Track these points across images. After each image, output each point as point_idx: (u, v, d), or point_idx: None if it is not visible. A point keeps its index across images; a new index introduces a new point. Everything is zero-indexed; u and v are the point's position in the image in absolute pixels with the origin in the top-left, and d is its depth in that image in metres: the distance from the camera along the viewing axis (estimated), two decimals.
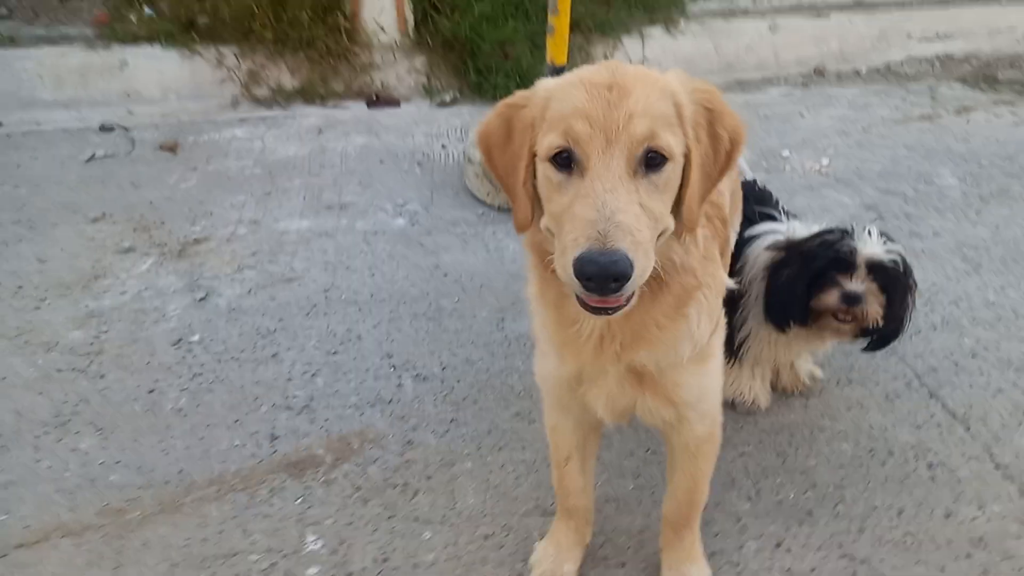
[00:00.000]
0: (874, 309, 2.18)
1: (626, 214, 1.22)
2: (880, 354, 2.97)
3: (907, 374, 2.88)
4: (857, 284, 2.18)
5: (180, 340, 2.99)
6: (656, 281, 1.43)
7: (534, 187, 1.42)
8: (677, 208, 1.41)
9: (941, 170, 4.44)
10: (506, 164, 1.44)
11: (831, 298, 2.21)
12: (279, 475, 2.42)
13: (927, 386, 2.82)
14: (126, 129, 4.70)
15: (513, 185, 1.43)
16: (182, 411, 2.66)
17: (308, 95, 5.20)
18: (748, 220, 2.56)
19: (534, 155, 1.38)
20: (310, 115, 5.00)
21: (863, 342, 2.38)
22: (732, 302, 2.55)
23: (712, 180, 1.43)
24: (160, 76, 5.16)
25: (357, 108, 5.16)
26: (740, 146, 1.43)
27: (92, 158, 4.35)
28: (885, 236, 2.25)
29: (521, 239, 1.60)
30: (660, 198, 1.32)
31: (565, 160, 1.31)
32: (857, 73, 6.03)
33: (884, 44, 6.24)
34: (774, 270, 2.36)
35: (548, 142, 1.32)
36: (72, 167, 4.28)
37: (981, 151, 4.67)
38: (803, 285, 2.23)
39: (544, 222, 1.40)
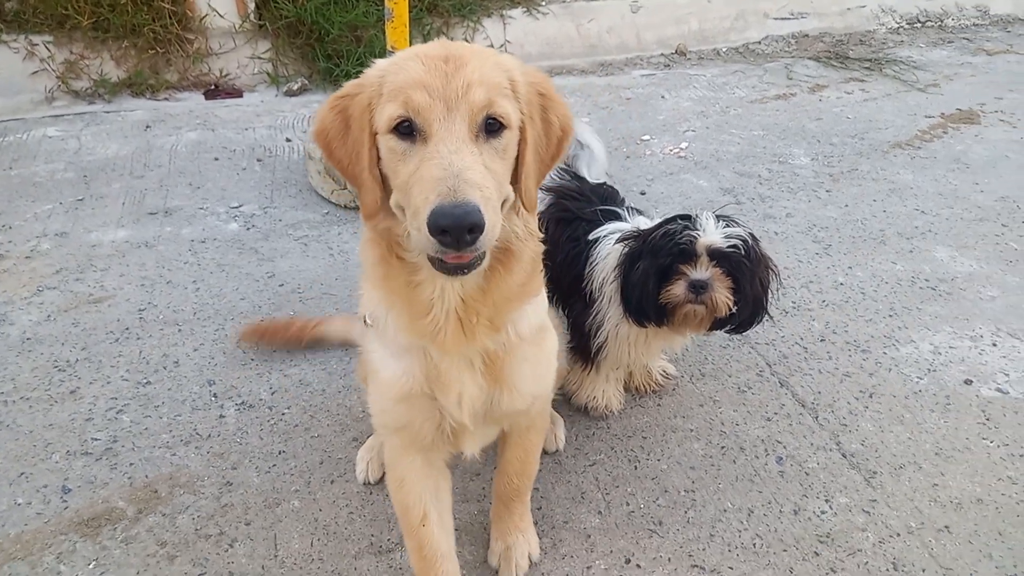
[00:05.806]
0: (722, 295, 2.11)
1: (473, 171, 1.24)
2: (733, 344, 2.93)
3: (759, 363, 2.84)
4: (701, 272, 2.10)
5: None
6: (506, 253, 1.46)
7: (380, 172, 1.41)
8: (515, 186, 1.44)
9: (795, 150, 4.48)
10: (348, 154, 1.42)
11: (679, 289, 2.14)
12: (69, 536, 2.09)
13: (777, 375, 2.79)
14: None
15: (359, 173, 1.41)
16: None
17: (136, 87, 4.69)
18: (590, 223, 2.41)
19: (375, 136, 1.37)
20: (137, 109, 4.51)
21: (726, 329, 2.29)
22: (584, 307, 2.42)
23: (544, 165, 1.48)
24: None
25: (193, 100, 4.71)
26: (570, 135, 1.48)
27: None
28: (727, 220, 2.17)
29: (360, 240, 1.56)
30: (501, 163, 1.35)
31: (407, 129, 1.31)
32: (717, 53, 6.06)
33: (742, 23, 6.31)
34: (628, 262, 2.24)
35: (388, 113, 1.31)
36: None
37: (832, 129, 4.75)
38: (654, 281, 2.15)
39: (394, 200, 1.37)
